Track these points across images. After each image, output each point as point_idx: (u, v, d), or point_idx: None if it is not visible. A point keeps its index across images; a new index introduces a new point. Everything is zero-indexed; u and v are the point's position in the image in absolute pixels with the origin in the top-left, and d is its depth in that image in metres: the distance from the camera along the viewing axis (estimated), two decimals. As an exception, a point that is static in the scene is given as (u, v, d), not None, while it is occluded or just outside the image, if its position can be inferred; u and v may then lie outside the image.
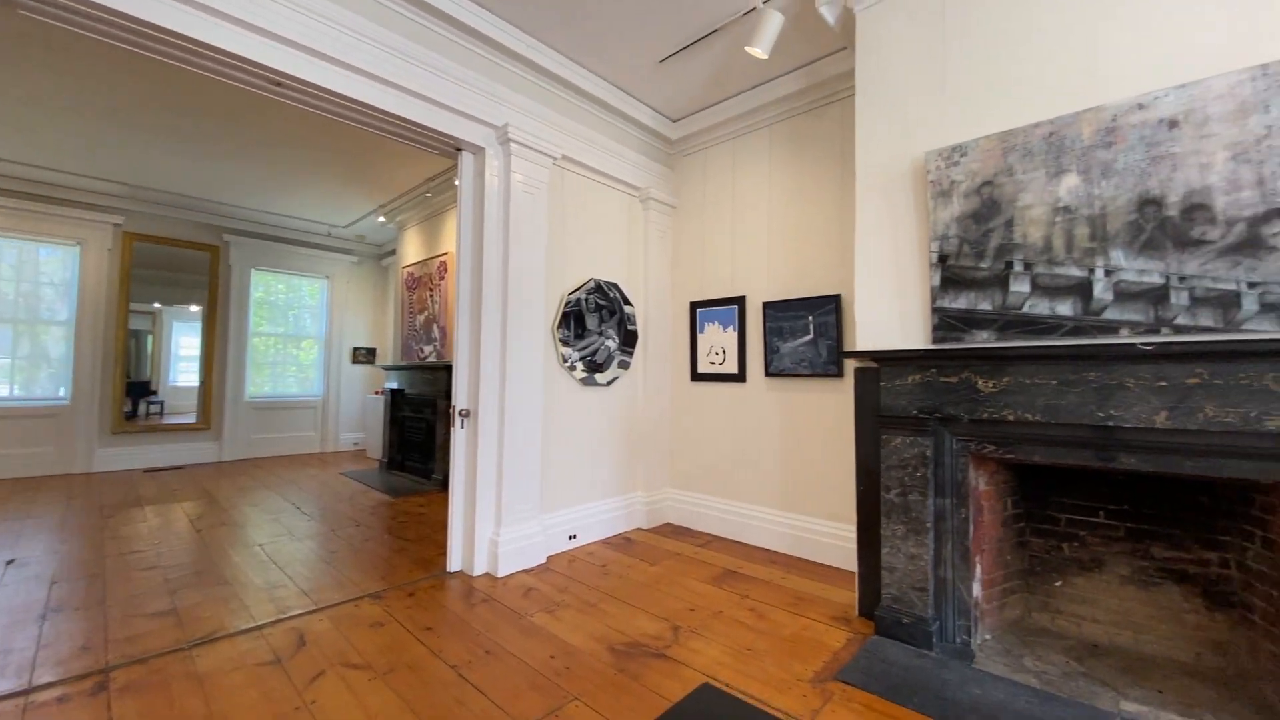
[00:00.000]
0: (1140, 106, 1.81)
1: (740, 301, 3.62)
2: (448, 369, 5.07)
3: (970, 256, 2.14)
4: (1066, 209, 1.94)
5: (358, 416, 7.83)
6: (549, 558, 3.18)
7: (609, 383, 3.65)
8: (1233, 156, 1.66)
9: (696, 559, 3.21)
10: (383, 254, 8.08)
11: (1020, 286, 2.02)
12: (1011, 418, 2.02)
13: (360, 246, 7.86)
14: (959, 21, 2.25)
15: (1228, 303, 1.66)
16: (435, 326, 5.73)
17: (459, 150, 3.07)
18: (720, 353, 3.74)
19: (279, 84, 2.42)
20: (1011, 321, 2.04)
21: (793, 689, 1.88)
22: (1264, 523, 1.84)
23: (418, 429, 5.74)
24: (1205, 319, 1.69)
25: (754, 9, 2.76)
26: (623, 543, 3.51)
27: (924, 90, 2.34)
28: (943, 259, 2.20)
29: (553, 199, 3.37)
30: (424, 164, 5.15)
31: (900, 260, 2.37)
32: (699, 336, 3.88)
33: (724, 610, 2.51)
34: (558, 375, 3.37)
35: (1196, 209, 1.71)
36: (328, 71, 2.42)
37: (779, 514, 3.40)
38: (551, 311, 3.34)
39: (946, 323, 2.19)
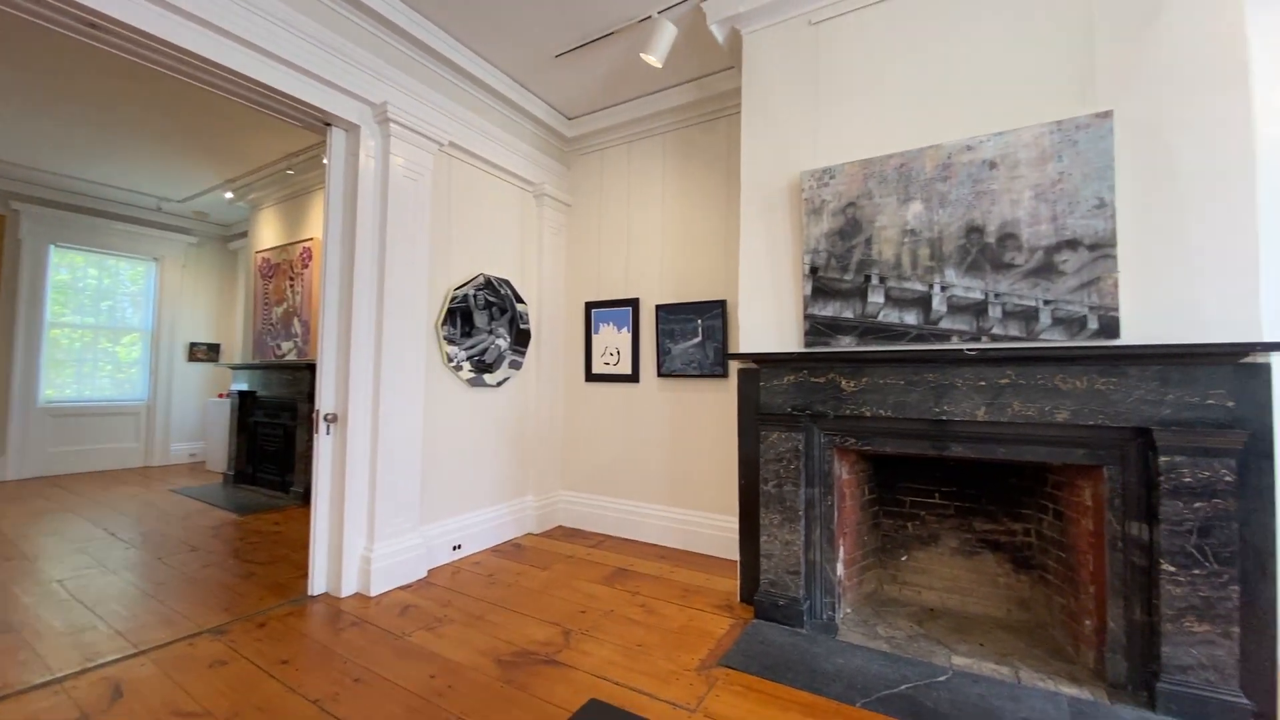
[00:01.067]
0: (969, 148, 2.13)
1: (634, 303, 3.68)
2: (311, 368, 4.55)
3: (836, 269, 2.36)
4: (913, 232, 2.22)
5: (196, 424, 6.75)
6: (430, 571, 2.98)
7: (499, 383, 3.51)
8: (1035, 195, 2.01)
9: (589, 560, 3.21)
10: (230, 236, 7.04)
11: (876, 298, 2.28)
12: (868, 414, 2.26)
13: (201, 226, 6.79)
14: (829, 60, 2.49)
15: (1029, 316, 2.01)
16: (296, 320, 5.12)
17: (328, 126, 2.77)
18: (615, 353, 3.77)
19: (93, 25, 2.00)
20: (869, 329, 2.29)
21: (680, 679, 1.95)
22: (1055, 497, 2.25)
23: (273, 436, 5.08)
24: (1013, 329, 2.04)
25: (650, 17, 2.82)
26: (513, 549, 3.39)
27: (800, 116, 2.55)
28: (814, 270, 2.41)
29: (439, 187, 3.17)
30: (285, 137, 4.57)
31: (778, 270, 2.56)
32: (594, 337, 3.88)
33: (615, 609, 2.53)
34: (442, 375, 3.18)
35: (1008, 238, 2.05)
36: (161, 18, 2.05)
37: (669, 510, 3.50)
38: (435, 307, 3.14)
39: (816, 328, 2.40)
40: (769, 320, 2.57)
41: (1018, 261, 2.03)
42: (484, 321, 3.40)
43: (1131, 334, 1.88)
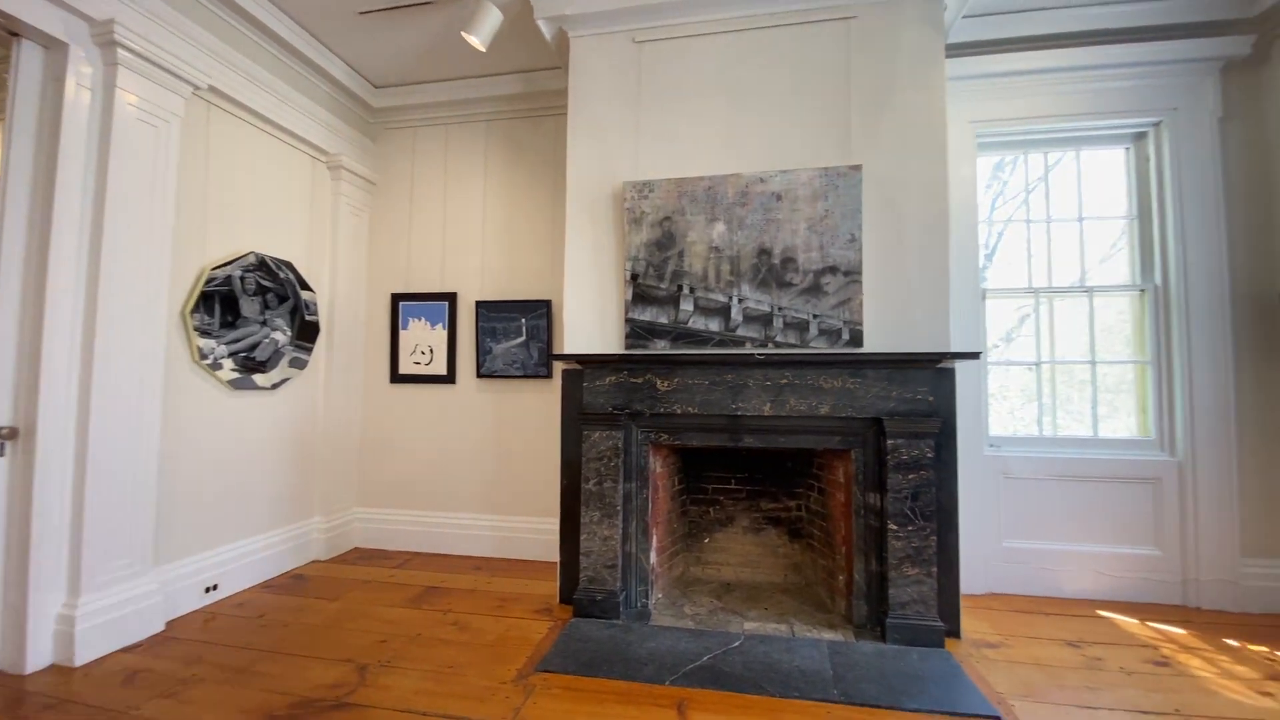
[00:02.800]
0: (762, 180, 2.45)
1: (452, 298, 3.43)
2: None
3: (654, 277, 2.52)
4: (717, 249, 2.48)
5: None
6: (171, 623, 2.36)
7: (275, 385, 2.95)
8: (808, 227, 2.41)
9: (391, 583, 2.88)
10: None
11: (687, 306, 2.49)
12: (679, 411, 2.46)
13: None
14: (651, 80, 2.64)
15: (803, 327, 2.40)
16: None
17: (15, 37, 2.02)
18: (427, 352, 3.46)
19: None
20: (681, 333, 2.49)
21: (496, 694, 1.86)
22: (819, 477, 2.71)
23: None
24: (791, 338, 2.40)
25: (472, -4, 2.67)
26: (292, 582, 2.88)
27: (624, 128, 2.66)
28: (634, 277, 2.53)
29: (193, 140, 2.54)
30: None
31: (602, 274, 2.63)
32: (402, 333, 3.50)
33: (423, 632, 2.31)
34: (192, 376, 2.55)
35: (789, 260, 2.42)
36: None
37: (487, 518, 3.34)
38: (183, 289, 2.51)
39: (636, 331, 2.52)
40: (593, 322, 2.62)
41: (796, 281, 2.41)
42: (254, 310, 2.82)
43: (871, 344, 2.36)
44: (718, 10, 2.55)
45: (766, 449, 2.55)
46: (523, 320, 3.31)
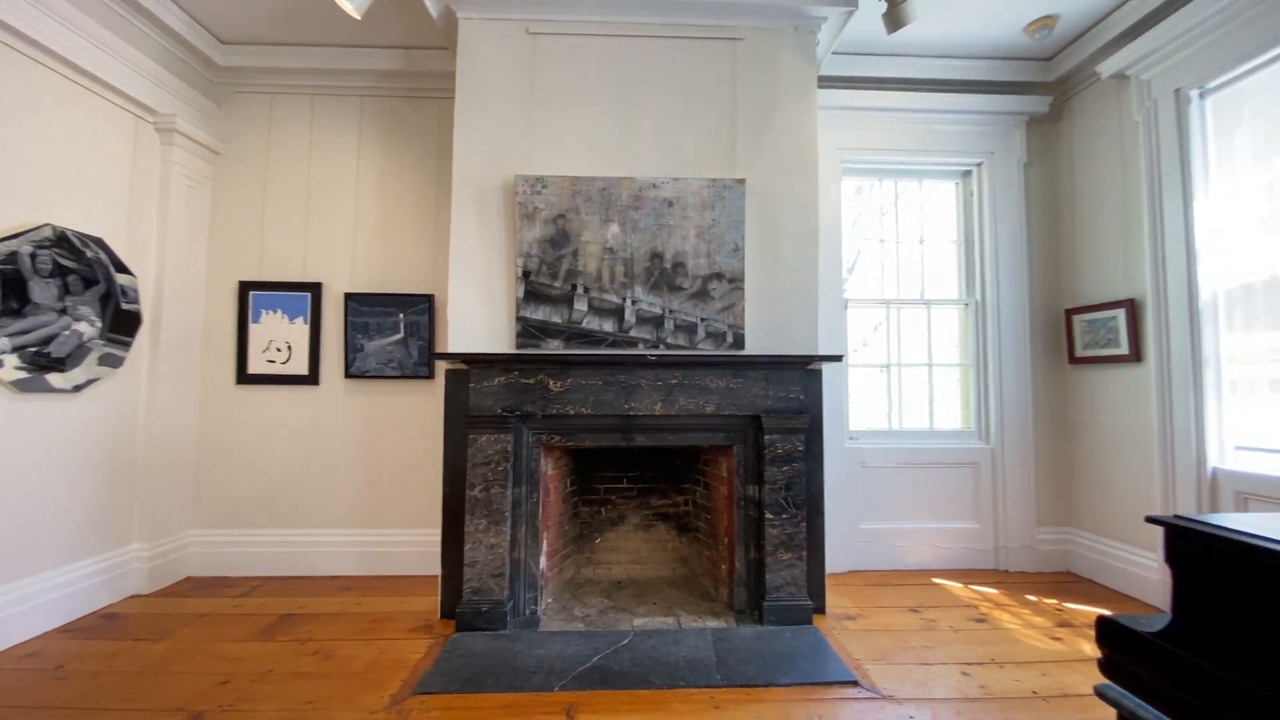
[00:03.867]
0: (654, 185, 2.51)
1: (315, 289, 3.07)
2: None
3: (547, 275, 2.47)
4: (611, 250, 2.49)
5: None
6: (-86, 690, 1.84)
7: (79, 387, 2.43)
8: (697, 234, 2.51)
9: (236, 613, 2.51)
10: None
11: (581, 305, 2.47)
12: (572, 412, 2.43)
13: None
14: (545, 74, 2.59)
15: (692, 330, 2.49)
16: None
17: None
18: (284, 348, 3.06)
19: None
20: (575, 333, 2.46)
21: (366, 725, 1.69)
22: (705, 472, 2.83)
23: None
24: (681, 340, 2.49)
25: (345, -43, 2.41)
26: (101, 623, 2.39)
27: (517, 120, 2.57)
28: (526, 274, 2.46)
29: (-45, 78, 2.01)
30: None
31: (491, 269, 2.52)
32: (252, 327, 3.07)
33: (276, 667, 2.04)
34: (-46, 374, 2.01)
35: (679, 265, 2.50)
36: None
37: (358, 533, 3.04)
38: (-58, 266, 1.97)
39: (528, 330, 2.45)
40: (481, 320, 2.50)
41: (686, 286, 2.50)
42: (50, 295, 2.31)
43: (752, 346, 2.52)
44: (612, 13, 2.56)
45: (657, 447, 2.61)
46: (401, 316, 3.06)
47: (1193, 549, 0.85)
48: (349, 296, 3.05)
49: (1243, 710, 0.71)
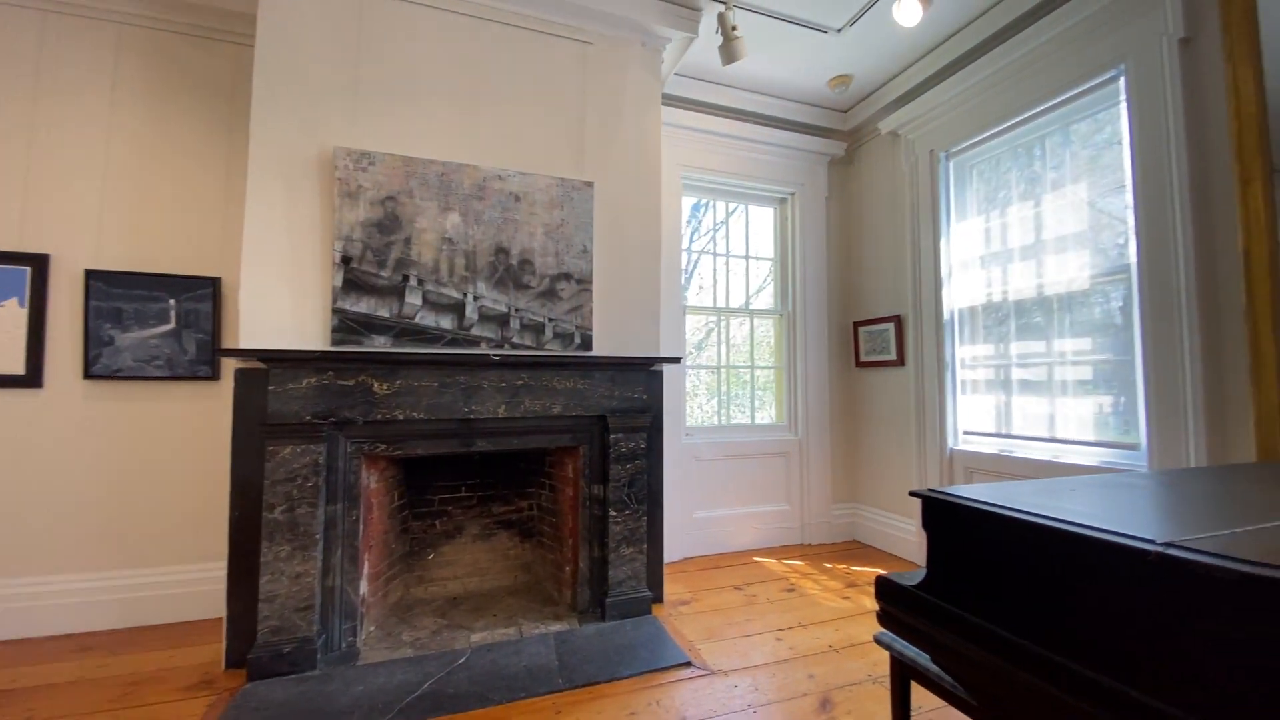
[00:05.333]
0: (500, 176, 2.40)
1: (39, 262, 2.34)
2: None
3: (373, 264, 2.21)
4: (451, 240, 2.32)
5: None
6: None
7: None
8: (545, 233, 2.46)
9: (-115, 707, 1.79)
10: None
11: (414, 299, 2.25)
12: (402, 417, 2.21)
13: None
14: (375, 40, 2.31)
15: (539, 330, 2.43)
16: None
17: None
18: (-21, 340, 2.27)
19: None
20: (406, 330, 2.24)
21: (109, 823, 1.32)
22: (551, 474, 2.79)
23: None
24: (528, 340, 2.42)
25: None
26: None
27: (338, 85, 2.25)
28: (347, 260, 2.17)
29: None
30: None
31: (300, 253, 2.17)
32: (-78, 309, 2.22)
33: (-42, 771, 1.50)
34: None
35: (526, 263, 2.43)
36: None
37: (106, 576, 2.37)
38: None
39: (347, 325, 2.16)
40: (285, 311, 2.14)
41: (533, 284, 2.43)
42: None
43: (599, 348, 2.55)
44: (456, -12, 2.40)
45: (500, 452, 2.50)
46: (172, 302, 2.48)
47: (936, 514, 1.06)
48: (92, 275, 2.38)
49: (983, 644, 0.91)
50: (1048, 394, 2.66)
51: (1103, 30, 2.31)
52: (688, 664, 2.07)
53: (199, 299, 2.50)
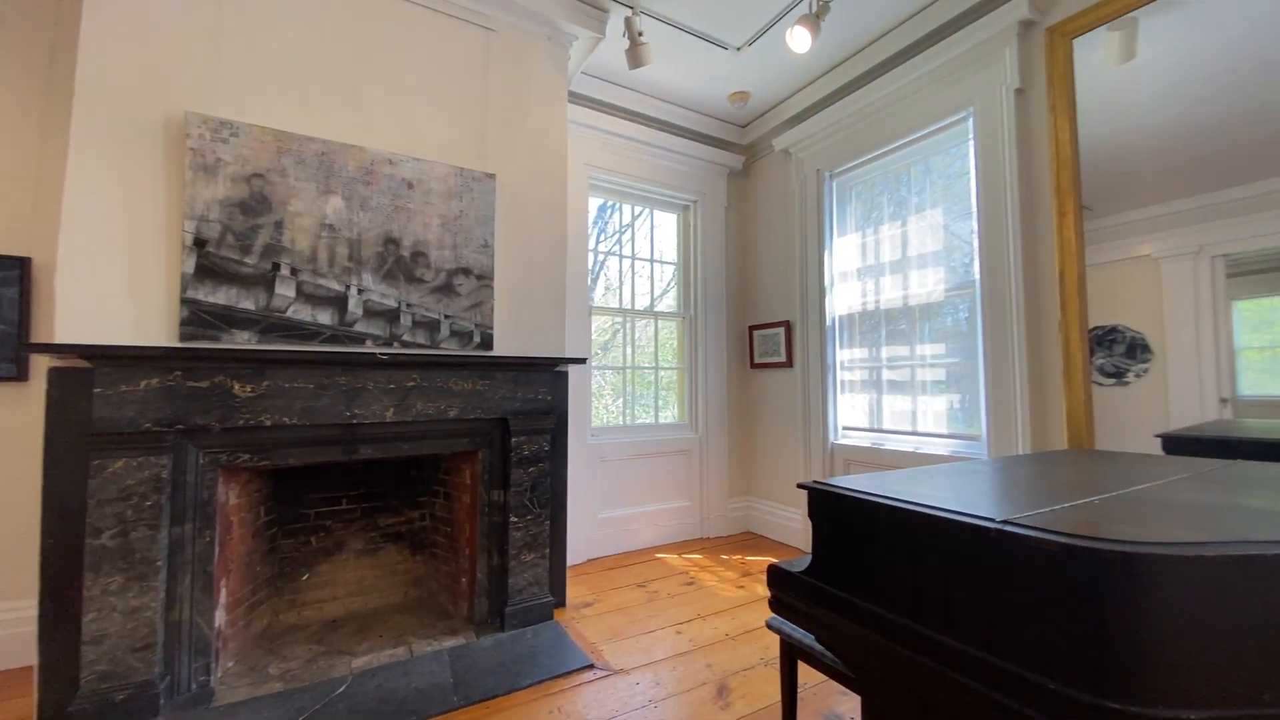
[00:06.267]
0: (391, 161, 2.23)
1: None
2: None
3: (235, 249, 1.94)
4: (332, 227, 2.11)
5: None
6: None
7: None
8: (442, 224, 2.32)
9: None
10: None
11: (286, 290, 2.02)
12: (270, 423, 1.96)
13: None
14: (239, -12, 2.04)
15: (433, 327, 2.29)
16: None
17: None
18: None
19: None
20: (275, 325, 2.00)
21: None
22: (445, 482, 2.63)
23: None
24: (420, 338, 2.26)
25: None
26: None
27: (193, 40, 1.95)
28: (200, 243, 1.89)
29: None
30: None
31: (139, 231, 1.85)
32: None
33: None
34: None
35: (419, 255, 2.27)
36: None
37: None
38: None
39: (201, 318, 1.88)
40: (119, 299, 1.81)
41: (427, 278, 2.28)
42: None
43: (501, 347, 2.46)
44: (341, -49, 2.18)
45: (389, 459, 2.31)
46: (-44, 284, 2.01)
47: (818, 503, 1.14)
48: None
49: (857, 620, 1.00)
50: (911, 393, 3.00)
51: (959, 75, 2.65)
52: (590, 666, 2.05)
53: (1, 282, 2.05)
